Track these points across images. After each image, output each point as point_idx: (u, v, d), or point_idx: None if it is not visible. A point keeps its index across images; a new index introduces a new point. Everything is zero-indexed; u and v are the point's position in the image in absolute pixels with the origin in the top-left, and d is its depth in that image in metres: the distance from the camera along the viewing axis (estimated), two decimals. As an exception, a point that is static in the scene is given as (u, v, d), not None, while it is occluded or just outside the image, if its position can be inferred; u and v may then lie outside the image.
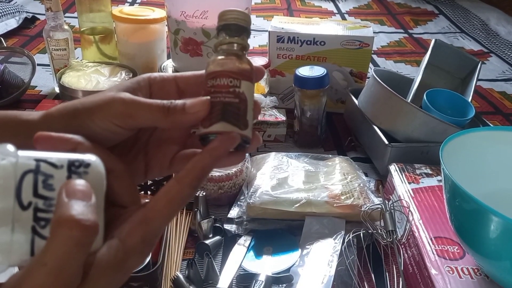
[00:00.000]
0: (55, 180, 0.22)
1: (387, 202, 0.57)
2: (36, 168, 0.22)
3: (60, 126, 0.26)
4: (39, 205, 0.22)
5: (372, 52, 0.93)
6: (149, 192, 0.58)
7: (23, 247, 0.22)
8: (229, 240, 0.56)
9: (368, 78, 0.81)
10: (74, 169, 0.23)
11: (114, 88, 0.28)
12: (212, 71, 0.27)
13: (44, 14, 0.85)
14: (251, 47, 1.15)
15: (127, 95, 0.26)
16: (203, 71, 0.29)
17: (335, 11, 1.50)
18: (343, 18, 1.44)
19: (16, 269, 0.43)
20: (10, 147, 0.22)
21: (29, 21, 1.22)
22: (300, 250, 0.53)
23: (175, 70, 0.87)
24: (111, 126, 0.26)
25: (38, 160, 0.22)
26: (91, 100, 0.26)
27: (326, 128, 0.82)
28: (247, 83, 0.27)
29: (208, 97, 0.26)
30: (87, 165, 0.24)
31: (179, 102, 0.26)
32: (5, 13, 1.15)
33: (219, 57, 0.28)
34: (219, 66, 0.27)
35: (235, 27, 0.28)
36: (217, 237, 0.55)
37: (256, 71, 0.29)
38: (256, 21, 1.34)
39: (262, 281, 0.48)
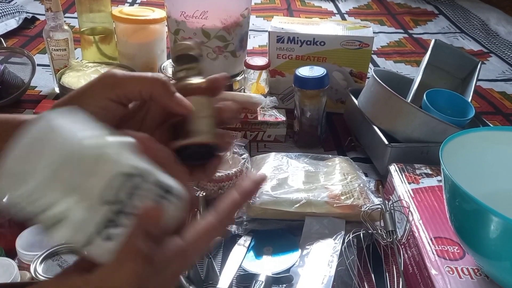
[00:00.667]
0: (142, 192, 0.24)
1: (387, 202, 0.57)
2: (135, 175, 0.23)
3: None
4: (116, 208, 0.23)
5: (372, 52, 0.93)
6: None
7: (92, 231, 0.22)
8: (229, 241, 0.56)
9: (368, 78, 0.81)
10: (163, 193, 0.24)
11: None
12: None
13: (44, 15, 0.85)
14: (251, 47, 1.15)
15: (117, 70, 0.28)
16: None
17: (335, 11, 1.50)
18: (343, 18, 1.44)
19: (16, 269, 0.43)
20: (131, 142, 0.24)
21: (29, 22, 1.22)
22: (300, 250, 0.53)
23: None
24: (104, 101, 0.27)
25: (139, 169, 0.24)
26: (85, 84, 0.28)
27: (326, 128, 0.82)
28: (196, 98, 0.30)
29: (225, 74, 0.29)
30: (176, 196, 0.25)
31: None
32: (5, 13, 1.15)
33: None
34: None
35: (183, 57, 0.31)
36: (217, 238, 0.55)
37: (213, 82, 0.31)
38: (256, 21, 1.34)
39: (262, 282, 0.48)
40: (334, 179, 0.62)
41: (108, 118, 0.28)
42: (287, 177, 0.62)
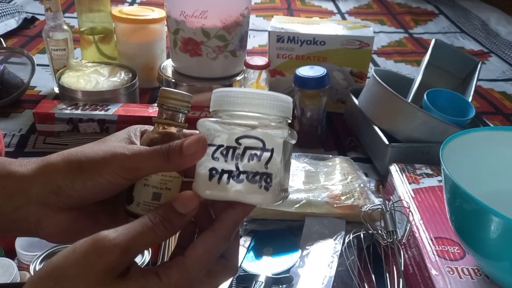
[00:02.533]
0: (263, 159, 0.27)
1: (387, 202, 0.57)
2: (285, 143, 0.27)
3: (64, 181, 0.26)
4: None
5: (372, 52, 0.93)
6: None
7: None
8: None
9: (369, 78, 0.81)
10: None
11: (112, 137, 0.29)
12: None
13: (43, 14, 0.85)
14: (251, 47, 1.15)
15: (130, 148, 0.27)
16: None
17: (335, 11, 1.50)
18: (343, 18, 1.44)
19: (16, 270, 0.43)
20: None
21: (29, 22, 1.22)
22: (300, 250, 0.53)
23: (175, 70, 0.87)
24: (118, 179, 0.26)
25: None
26: (95, 153, 0.27)
27: (326, 128, 0.82)
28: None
29: (203, 135, 0.28)
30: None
31: (177, 143, 0.27)
32: (4, 13, 1.15)
33: (162, 138, 0.30)
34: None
35: (174, 111, 0.30)
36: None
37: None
38: (256, 21, 1.34)
39: (262, 282, 0.48)
40: (335, 179, 0.62)
41: (117, 190, 0.28)
42: (287, 177, 0.62)
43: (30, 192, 0.26)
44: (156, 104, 0.31)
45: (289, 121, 0.29)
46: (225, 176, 0.26)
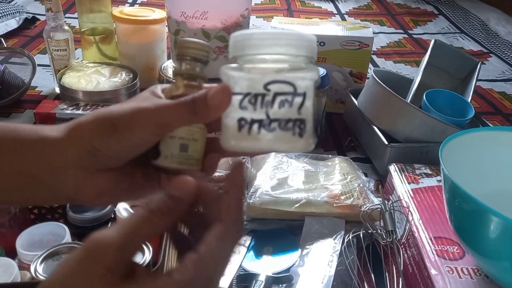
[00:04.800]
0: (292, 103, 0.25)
1: (386, 202, 0.57)
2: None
3: (98, 142, 0.25)
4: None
5: (372, 52, 0.93)
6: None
7: None
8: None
9: (368, 78, 0.81)
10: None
11: (140, 93, 0.28)
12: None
13: (44, 15, 0.86)
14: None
15: (155, 101, 0.26)
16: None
17: (335, 11, 1.50)
18: (343, 19, 1.44)
19: (16, 269, 0.43)
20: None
21: (30, 22, 1.22)
22: (300, 250, 0.53)
23: (175, 70, 0.87)
24: (150, 135, 0.26)
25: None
26: (123, 111, 0.26)
27: (326, 128, 0.82)
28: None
29: (226, 84, 0.26)
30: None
31: (201, 95, 0.25)
32: (5, 13, 1.15)
33: (186, 91, 0.28)
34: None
35: (201, 61, 0.28)
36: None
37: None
38: (256, 22, 1.34)
39: (262, 281, 0.48)
40: (334, 179, 0.62)
41: (146, 147, 0.27)
42: (287, 177, 0.62)
43: (67, 156, 0.26)
44: (176, 57, 0.29)
45: (315, 59, 0.27)
46: (256, 125, 0.25)
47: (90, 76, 0.81)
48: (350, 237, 0.53)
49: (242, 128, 0.25)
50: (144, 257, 0.45)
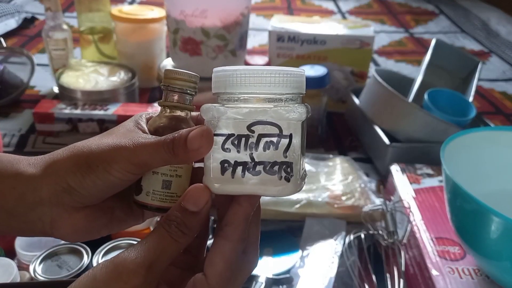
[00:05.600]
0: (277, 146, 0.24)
1: (388, 202, 0.57)
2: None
3: (73, 181, 0.25)
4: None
5: (373, 51, 0.93)
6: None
7: None
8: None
9: (369, 77, 0.81)
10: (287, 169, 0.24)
11: (119, 127, 0.27)
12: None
13: (43, 14, 0.85)
14: (251, 46, 1.15)
15: (134, 139, 0.25)
16: (195, 114, 0.29)
17: (336, 10, 1.49)
18: (344, 18, 1.44)
19: (15, 269, 0.43)
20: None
21: (29, 21, 1.22)
22: (300, 251, 0.53)
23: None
24: (127, 175, 0.25)
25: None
26: (101, 149, 0.25)
27: (326, 128, 0.82)
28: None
29: (208, 127, 0.25)
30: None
31: (182, 134, 0.24)
32: (4, 13, 1.14)
33: (169, 127, 0.27)
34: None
35: (187, 92, 0.27)
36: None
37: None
38: (256, 20, 1.34)
39: (262, 283, 0.48)
40: (335, 180, 0.62)
41: (125, 186, 0.26)
42: (287, 177, 0.61)
43: (42, 192, 0.25)
44: (161, 86, 0.28)
45: (303, 95, 0.25)
46: (239, 168, 0.24)
47: (89, 75, 0.81)
48: (351, 238, 0.52)
49: (225, 171, 0.24)
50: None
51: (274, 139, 0.24)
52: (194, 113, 0.29)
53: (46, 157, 0.26)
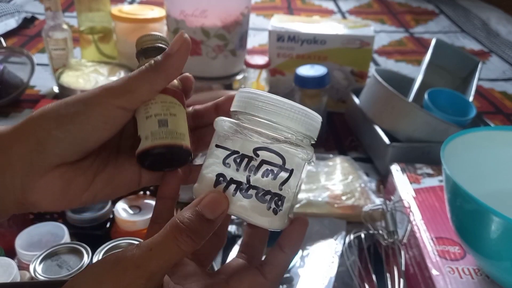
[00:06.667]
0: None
1: (388, 202, 0.57)
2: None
3: (42, 133, 0.23)
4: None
5: (373, 51, 0.92)
6: (148, 192, 0.57)
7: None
8: (229, 241, 0.55)
9: (369, 77, 0.81)
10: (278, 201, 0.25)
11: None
12: None
13: (43, 14, 0.85)
14: (251, 46, 1.15)
15: (114, 80, 0.25)
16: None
17: (336, 10, 1.49)
18: (344, 17, 1.44)
19: (15, 269, 0.43)
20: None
21: (29, 21, 1.22)
22: (300, 251, 0.53)
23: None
24: (109, 110, 0.24)
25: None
26: (77, 99, 0.24)
27: (326, 128, 0.82)
28: (172, 98, 0.27)
29: (185, 34, 0.26)
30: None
31: (162, 56, 0.25)
32: (4, 13, 1.14)
33: None
34: None
35: (152, 49, 0.28)
36: None
37: (184, 81, 0.29)
38: (256, 20, 1.34)
39: (262, 282, 0.48)
40: (335, 179, 0.62)
41: (111, 131, 0.25)
42: (287, 177, 0.61)
43: (11, 152, 0.23)
44: (136, 57, 0.29)
45: (313, 142, 0.26)
46: (233, 186, 0.24)
47: (89, 75, 0.81)
48: (351, 237, 0.52)
49: (218, 184, 0.24)
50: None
51: (275, 169, 0.24)
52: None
53: (24, 119, 0.24)
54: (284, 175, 0.24)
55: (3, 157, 0.23)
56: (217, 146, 0.25)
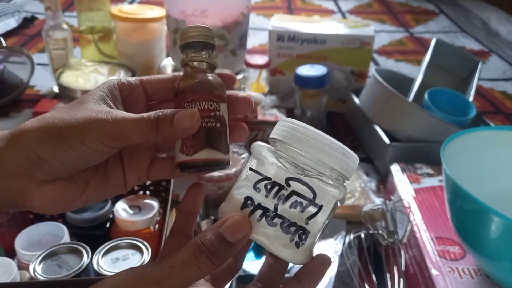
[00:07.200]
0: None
1: (388, 202, 0.57)
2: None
3: (44, 151, 0.24)
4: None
5: (373, 51, 0.92)
6: (148, 192, 0.57)
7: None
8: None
9: (369, 77, 0.81)
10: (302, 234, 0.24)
11: (90, 98, 0.26)
12: (189, 95, 0.26)
13: (43, 14, 0.85)
14: (251, 46, 1.14)
15: (113, 113, 0.25)
16: (168, 75, 0.28)
17: (336, 10, 1.49)
18: (344, 17, 1.44)
19: (15, 269, 0.43)
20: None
21: (29, 21, 1.22)
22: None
23: (175, 69, 0.87)
24: (102, 147, 0.24)
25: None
26: (74, 119, 0.24)
27: (326, 128, 0.82)
28: (224, 105, 0.27)
29: (196, 110, 0.25)
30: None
31: (167, 114, 0.24)
32: (4, 13, 1.14)
33: (192, 79, 0.26)
34: (195, 90, 0.26)
35: (201, 44, 0.27)
36: None
37: (227, 81, 0.28)
38: (256, 20, 1.34)
39: (262, 282, 0.48)
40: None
41: (101, 159, 0.26)
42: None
43: (9, 164, 0.24)
44: (180, 50, 0.27)
45: (347, 183, 0.26)
46: (259, 212, 0.24)
47: (89, 75, 0.81)
48: (351, 237, 0.52)
49: (245, 207, 0.24)
50: (142, 257, 0.45)
51: (304, 202, 0.24)
52: (219, 71, 0.28)
53: (13, 129, 0.25)
54: (312, 209, 0.24)
55: (2, 169, 0.24)
56: (250, 169, 0.25)
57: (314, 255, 0.26)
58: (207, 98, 0.26)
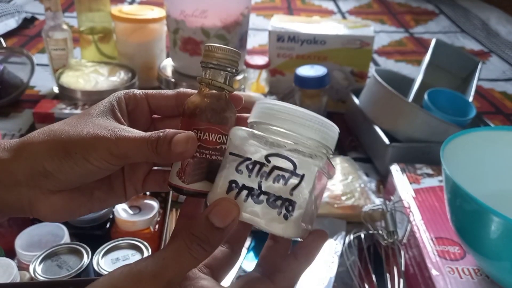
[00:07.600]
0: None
1: (388, 202, 0.57)
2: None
3: (51, 165, 0.25)
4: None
5: (373, 51, 0.92)
6: (147, 193, 0.57)
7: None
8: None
9: (369, 77, 0.81)
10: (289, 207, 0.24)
11: (97, 110, 0.27)
12: (201, 123, 0.26)
13: (43, 14, 0.85)
14: (250, 46, 1.15)
15: (117, 132, 0.25)
16: (172, 92, 0.29)
17: (336, 10, 1.49)
18: (344, 18, 1.44)
19: (15, 269, 0.43)
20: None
21: (29, 21, 1.22)
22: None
23: (175, 70, 0.87)
24: (106, 165, 0.25)
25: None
26: (80, 136, 0.25)
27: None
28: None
29: (193, 133, 0.25)
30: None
31: (167, 135, 0.25)
32: (4, 13, 1.14)
33: (207, 105, 0.26)
34: (208, 119, 0.26)
35: (225, 69, 0.26)
36: None
37: (235, 101, 0.28)
38: (256, 20, 1.34)
39: (262, 282, 0.48)
40: (335, 179, 0.62)
41: (105, 174, 0.26)
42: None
43: (18, 175, 0.25)
44: (200, 63, 0.27)
45: (331, 155, 0.26)
46: (244, 192, 0.24)
47: (89, 75, 0.81)
48: (351, 238, 0.52)
49: (230, 190, 0.24)
50: (142, 256, 0.45)
51: (286, 174, 0.24)
52: (236, 93, 0.28)
53: (20, 140, 0.26)
54: (294, 180, 0.24)
55: (11, 179, 0.25)
56: (230, 153, 0.25)
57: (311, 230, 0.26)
58: (218, 131, 0.26)
